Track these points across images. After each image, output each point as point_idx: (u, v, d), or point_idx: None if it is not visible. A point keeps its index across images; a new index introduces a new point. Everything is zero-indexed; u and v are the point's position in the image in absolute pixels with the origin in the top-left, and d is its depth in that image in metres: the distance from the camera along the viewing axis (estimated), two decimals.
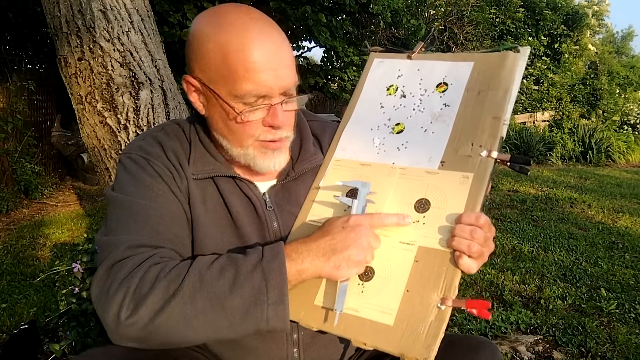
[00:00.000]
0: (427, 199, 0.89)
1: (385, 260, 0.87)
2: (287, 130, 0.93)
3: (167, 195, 0.90)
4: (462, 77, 0.99)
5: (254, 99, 0.86)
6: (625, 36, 23.66)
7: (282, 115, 0.89)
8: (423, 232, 0.87)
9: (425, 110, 1.00)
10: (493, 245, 0.86)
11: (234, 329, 0.77)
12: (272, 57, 0.84)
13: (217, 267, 0.79)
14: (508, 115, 0.93)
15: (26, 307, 2.52)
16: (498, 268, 3.06)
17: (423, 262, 0.84)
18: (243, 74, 0.83)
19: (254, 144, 0.91)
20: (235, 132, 0.90)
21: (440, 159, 0.93)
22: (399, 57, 1.09)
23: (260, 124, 0.89)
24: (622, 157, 9.19)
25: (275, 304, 0.77)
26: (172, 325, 0.76)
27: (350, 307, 0.85)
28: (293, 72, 0.89)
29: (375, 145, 1.00)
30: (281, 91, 0.87)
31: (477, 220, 0.82)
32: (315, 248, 0.82)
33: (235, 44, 0.83)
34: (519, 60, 0.96)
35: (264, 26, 0.86)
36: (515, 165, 0.90)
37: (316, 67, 7.53)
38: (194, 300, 0.76)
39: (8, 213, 4.57)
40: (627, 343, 2.16)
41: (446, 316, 0.79)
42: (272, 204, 0.98)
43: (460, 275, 0.82)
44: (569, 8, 10.79)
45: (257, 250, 0.82)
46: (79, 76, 2.24)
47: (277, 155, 0.93)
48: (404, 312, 0.81)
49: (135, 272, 0.78)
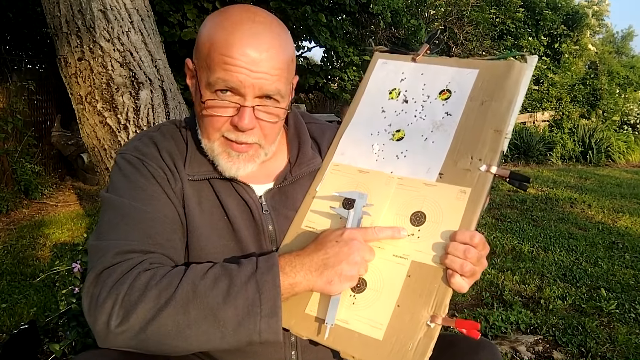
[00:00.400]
0: (424, 212, 0.89)
1: (378, 273, 0.86)
2: (256, 136, 0.90)
3: (160, 198, 0.90)
4: (466, 85, 0.98)
5: (225, 90, 0.86)
6: (625, 36, 23.67)
7: (250, 119, 0.87)
8: (417, 246, 0.86)
9: (427, 117, 0.99)
10: (486, 263, 0.85)
11: (227, 339, 0.77)
12: (254, 57, 0.84)
13: (211, 277, 0.78)
14: (510, 129, 0.91)
15: (26, 307, 2.52)
16: (498, 268, 3.06)
17: (415, 277, 0.84)
18: (218, 62, 0.85)
19: (220, 139, 0.91)
20: (204, 121, 0.91)
21: (439, 171, 0.92)
22: (403, 59, 1.07)
23: (228, 122, 0.89)
24: (622, 157, 9.20)
25: (268, 316, 0.77)
26: (164, 334, 0.75)
27: (340, 318, 0.85)
28: (277, 81, 0.87)
29: (375, 151, 0.99)
30: (256, 94, 0.86)
31: (472, 239, 0.81)
32: (308, 262, 0.81)
33: (223, 36, 0.85)
34: (526, 70, 0.94)
35: (258, 27, 0.86)
36: (515, 182, 0.89)
37: (316, 67, 7.53)
38: (186, 310, 0.75)
39: (8, 213, 4.57)
40: (627, 343, 2.16)
41: (435, 334, 0.79)
42: (269, 207, 0.97)
43: (451, 293, 0.82)
44: (569, 8, 10.79)
45: (252, 261, 0.81)
46: (79, 76, 2.24)
47: (242, 161, 0.91)
48: (393, 327, 0.81)
49: (124, 279, 0.77)
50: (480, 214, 0.86)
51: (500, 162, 0.89)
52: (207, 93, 0.87)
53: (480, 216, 0.86)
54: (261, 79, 0.85)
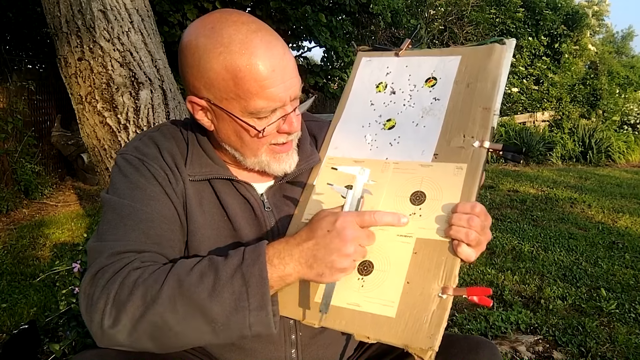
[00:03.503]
0: (423, 191, 0.90)
1: (383, 254, 0.87)
2: (298, 132, 0.96)
3: (160, 198, 0.89)
4: (450, 71, 1.00)
5: (269, 113, 0.87)
6: (625, 36, 23.68)
7: (298, 122, 0.92)
8: (420, 224, 0.87)
9: (416, 105, 1.00)
10: (490, 234, 0.86)
11: (218, 334, 0.76)
12: (280, 69, 0.84)
13: (197, 272, 0.77)
14: (498, 106, 0.94)
15: (26, 307, 2.52)
16: (498, 268, 3.06)
17: (422, 253, 0.84)
18: (256, 92, 0.83)
19: (267, 149, 0.92)
20: (250, 144, 0.91)
21: (433, 152, 0.93)
22: (386, 55, 1.09)
23: (276, 132, 0.91)
24: (622, 157, 9.19)
25: (257, 309, 0.75)
26: (155, 331, 0.75)
27: (351, 302, 0.85)
28: (297, 76, 0.89)
29: (368, 142, 1.01)
30: (292, 99, 0.89)
31: (473, 209, 0.82)
32: (297, 253, 0.79)
33: (242, 63, 0.82)
34: (506, 52, 0.97)
35: (264, 36, 0.84)
36: (508, 154, 0.90)
37: (316, 67, 7.52)
38: (174, 307, 0.75)
39: (8, 213, 4.57)
40: (627, 343, 2.15)
41: (448, 305, 0.79)
42: (270, 205, 0.97)
43: (459, 263, 0.82)
44: (569, 8, 10.78)
45: (239, 252, 0.80)
46: (79, 76, 2.24)
47: (290, 156, 0.95)
48: (405, 303, 0.81)
49: (115, 277, 0.77)
50: (478, 188, 0.87)
51: (491, 137, 0.91)
52: (253, 120, 0.87)
53: (478, 190, 0.87)
54: (291, 84, 0.87)
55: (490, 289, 0.81)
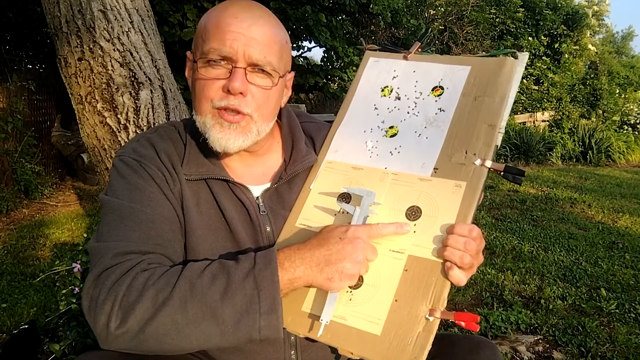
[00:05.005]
0: (419, 206, 0.88)
1: (374, 268, 0.86)
2: (248, 106, 0.89)
3: (159, 199, 0.90)
4: (458, 82, 0.98)
5: (218, 60, 0.87)
6: (625, 36, 23.69)
7: (242, 81, 0.87)
8: (414, 240, 0.86)
9: (420, 114, 0.99)
10: (482, 258, 0.85)
11: (226, 337, 0.76)
12: (245, 25, 0.87)
13: (209, 275, 0.78)
14: (504, 123, 0.92)
15: (26, 307, 2.52)
16: (498, 268, 3.06)
17: (413, 272, 0.83)
18: (212, 32, 0.87)
19: (212, 111, 0.89)
20: (197, 94, 0.91)
21: (434, 166, 0.92)
22: (394, 57, 1.07)
23: (220, 89, 0.88)
24: (622, 157, 9.20)
25: (268, 313, 0.76)
26: (163, 334, 0.75)
27: (337, 315, 0.84)
28: (268, 52, 0.88)
29: (368, 148, 0.99)
30: (247, 60, 0.87)
31: (471, 232, 0.82)
32: (309, 257, 0.81)
33: (217, 12, 0.89)
34: (517, 67, 0.94)
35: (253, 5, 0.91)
36: (509, 176, 0.89)
37: (316, 67, 7.52)
38: (185, 309, 0.75)
39: (8, 213, 4.56)
40: (627, 343, 2.15)
41: (434, 327, 0.78)
42: (266, 208, 0.97)
43: (449, 286, 0.81)
44: (569, 8, 10.78)
45: (250, 257, 0.81)
46: (79, 76, 2.24)
47: (233, 132, 0.89)
48: (391, 322, 0.81)
49: (122, 279, 0.77)
50: (476, 208, 0.86)
51: (494, 156, 0.90)
52: (207, 69, 0.89)
53: (476, 211, 0.86)
54: (252, 46, 0.87)
55: (478, 316, 0.80)
